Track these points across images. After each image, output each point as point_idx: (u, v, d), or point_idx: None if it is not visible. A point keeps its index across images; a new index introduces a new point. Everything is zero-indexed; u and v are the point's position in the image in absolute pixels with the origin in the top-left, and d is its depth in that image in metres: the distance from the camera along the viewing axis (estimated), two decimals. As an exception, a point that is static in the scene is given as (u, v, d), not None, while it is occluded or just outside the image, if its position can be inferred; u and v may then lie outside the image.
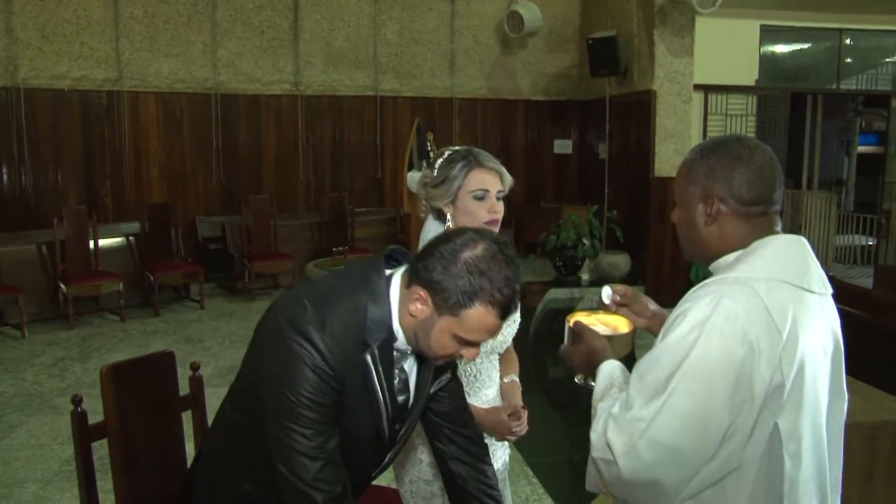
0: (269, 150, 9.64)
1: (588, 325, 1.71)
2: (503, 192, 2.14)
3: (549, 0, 10.20)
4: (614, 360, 1.62)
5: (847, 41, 10.22)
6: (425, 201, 2.21)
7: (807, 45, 10.36)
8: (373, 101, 9.95)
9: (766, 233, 1.54)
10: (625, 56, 9.10)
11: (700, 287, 1.51)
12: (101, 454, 2.23)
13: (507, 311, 1.54)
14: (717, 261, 1.58)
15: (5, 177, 8.38)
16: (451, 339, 1.56)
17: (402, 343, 1.64)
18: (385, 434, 1.70)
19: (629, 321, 1.78)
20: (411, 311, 1.57)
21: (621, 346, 1.70)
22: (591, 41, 9.20)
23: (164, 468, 2.32)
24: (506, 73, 10.47)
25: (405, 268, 1.66)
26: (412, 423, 1.80)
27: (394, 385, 1.67)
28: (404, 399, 1.73)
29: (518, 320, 2.23)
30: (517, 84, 10.56)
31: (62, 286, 7.44)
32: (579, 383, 1.71)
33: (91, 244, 7.80)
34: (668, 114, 8.76)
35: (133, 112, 8.93)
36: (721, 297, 1.42)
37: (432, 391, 1.84)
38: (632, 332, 1.74)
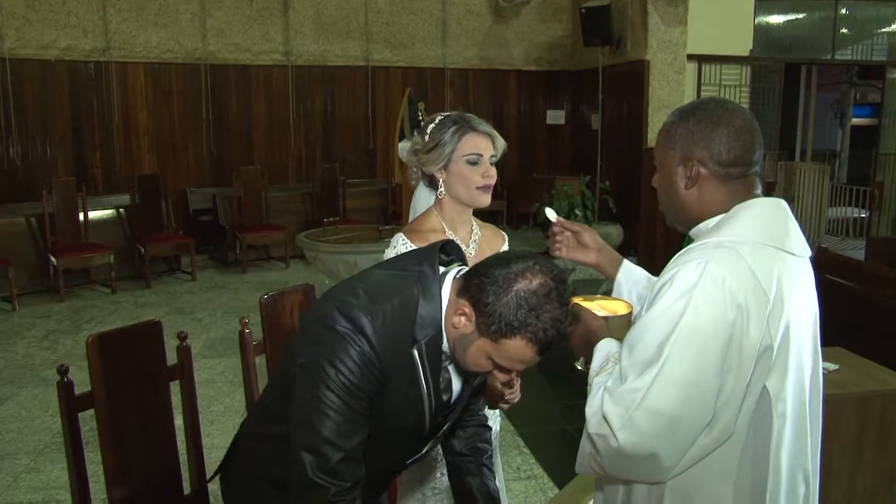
0: (260, 121, 9.56)
1: (586, 307, 1.70)
2: (496, 157, 2.12)
3: (542, -32, 10.11)
4: (612, 339, 1.61)
5: (843, 11, 10.13)
6: (416, 169, 2.19)
7: (802, 14, 10.26)
8: (364, 72, 9.87)
9: (746, 196, 1.53)
10: (618, 25, 9.03)
11: (684, 253, 1.50)
12: (91, 426, 2.21)
13: (547, 349, 1.51)
14: (698, 225, 1.57)
15: (-7, 148, 8.29)
16: (485, 360, 1.54)
17: (446, 345, 1.61)
18: (426, 426, 1.67)
19: (627, 304, 1.77)
20: (454, 323, 1.54)
21: (619, 327, 1.69)
22: (584, 10, 9.12)
23: (153, 440, 2.31)
24: (498, 42, 10.38)
25: (458, 270, 1.63)
26: (454, 418, 1.78)
27: (440, 383, 1.65)
28: (447, 397, 1.71)
29: None
30: (510, 54, 10.48)
31: (52, 259, 7.40)
32: (580, 368, 1.70)
33: (81, 216, 7.74)
34: (662, 84, 8.71)
35: (121, 83, 8.84)
36: (707, 261, 1.41)
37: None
38: (629, 314, 1.73)
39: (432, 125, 2.12)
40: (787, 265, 1.47)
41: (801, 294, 1.50)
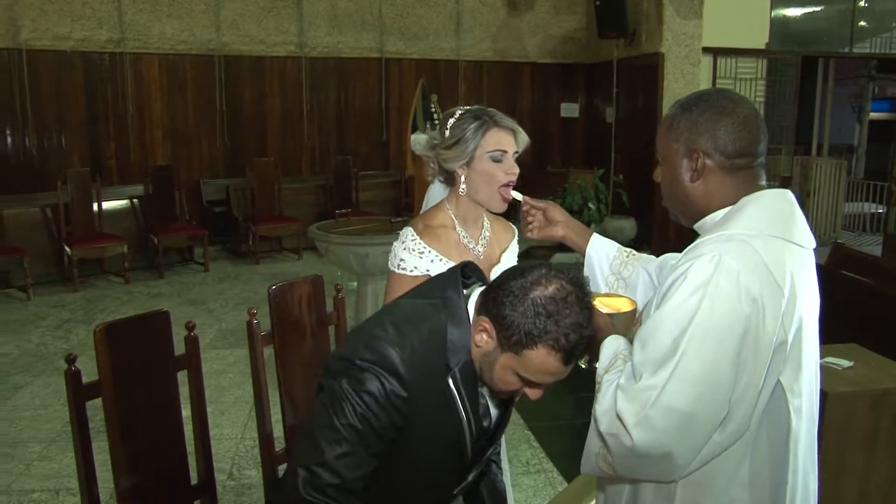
0: (274, 113, 9.56)
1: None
2: (518, 153, 2.08)
3: (557, -40, 10.04)
4: (618, 336, 1.58)
5: (861, 3, 10.01)
6: (433, 164, 2.13)
7: (819, 7, 10.14)
8: (378, 64, 9.84)
9: (751, 188, 1.50)
10: (633, 18, 8.95)
11: (695, 247, 1.47)
12: (102, 415, 2.21)
13: (571, 356, 1.46)
14: (704, 219, 1.54)
15: (9, 139, 8.33)
16: (512, 376, 1.50)
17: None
18: (468, 454, 1.63)
19: (631, 301, 1.75)
20: (476, 342, 1.52)
21: (623, 324, 1.67)
22: (598, 2, 9.03)
23: (161, 429, 2.31)
24: (512, 35, 10.33)
25: (479, 290, 1.59)
26: (497, 441, 1.75)
27: (478, 406, 1.61)
28: (487, 423, 1.67)
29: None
30: (524, 46, 10.42)
31: (67, 249, 7.44)
32: (584, 367, 1.68)
33: (95, 207, 7.80)
34: (677, 77, 8.64)
35: (136, 74, 8.85)
36: (721, 255, 1.38)
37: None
38: (633, 311, 1.70)
39: (452, 119, 2.06)
40: (796, 257, 1.44)
41: (810, 287, 1.48)
